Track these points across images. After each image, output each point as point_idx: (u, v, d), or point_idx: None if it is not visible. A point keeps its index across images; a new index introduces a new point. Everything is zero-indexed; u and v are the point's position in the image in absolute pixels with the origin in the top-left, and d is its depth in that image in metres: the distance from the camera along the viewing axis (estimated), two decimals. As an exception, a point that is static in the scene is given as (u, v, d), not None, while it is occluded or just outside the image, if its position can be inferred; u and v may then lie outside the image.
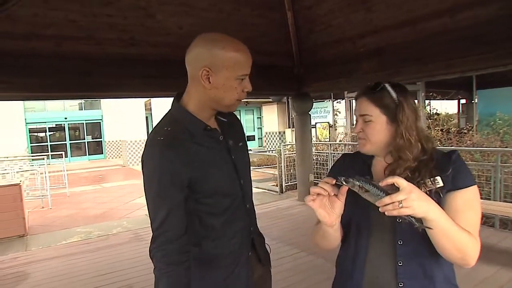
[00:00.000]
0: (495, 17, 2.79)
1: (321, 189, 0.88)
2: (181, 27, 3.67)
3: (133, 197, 7.65)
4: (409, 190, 0.77)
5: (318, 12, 4.28)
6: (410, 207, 0.77)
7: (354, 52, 4.23)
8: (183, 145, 0.99)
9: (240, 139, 1.18)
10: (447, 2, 2.99)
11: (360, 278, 1.00)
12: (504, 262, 3.01)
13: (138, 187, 9.52)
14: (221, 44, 0.97)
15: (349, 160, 1.11)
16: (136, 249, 3.67)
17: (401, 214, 0.78)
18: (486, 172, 4.37)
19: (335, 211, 0.90)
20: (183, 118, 1.04)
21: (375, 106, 0.97)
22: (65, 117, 17.65)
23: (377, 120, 0.98)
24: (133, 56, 3.64)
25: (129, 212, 6.39)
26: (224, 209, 1.06)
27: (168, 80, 4.24)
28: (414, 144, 0.94)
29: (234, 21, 4.02)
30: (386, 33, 3.78)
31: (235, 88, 1.00)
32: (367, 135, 0.99)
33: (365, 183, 0.80)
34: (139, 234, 4.24)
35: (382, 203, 0.78)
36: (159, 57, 3.72)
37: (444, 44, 3.13)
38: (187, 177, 0.98)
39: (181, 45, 4.28)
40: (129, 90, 3.95)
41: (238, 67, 0.98)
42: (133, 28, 3.43)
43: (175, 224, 0.99)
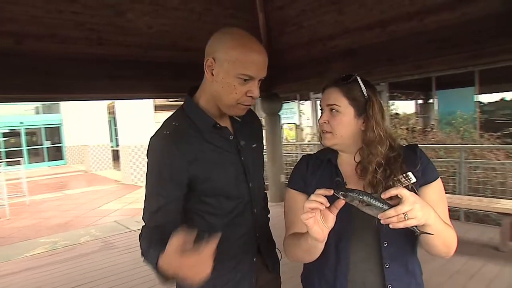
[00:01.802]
0: (459, 22, 2.93)
1: (318, 204, 0.79)
2: (152, 27, 3.56)
3: (100, 204, 7.34)
4: (413, 201, 0.74)
5: (290, 13, 4.31)
6: (416, 217, 0.75)
7: (325, 53, 4.29)
8: (189, 141, 0.95)
9: (254, 140, 1.12)
10: (415, 6, 3.11)
11: (344, 286, 0.95)
12: (472, 252, 3.19)
13: (104, 193, 9.14)
14: (231, 37, 0.93)
15: (313, 162, 1.04)
16: (107, 258, 3.50)
17: (407, 226, 0.75)
18: (451, 168, 4.59)
19: (327, 225, 0.82)
20: (193, 113, 0.99)
21: (344, 97, 0.95)
22: (21, 121, 16.65)
23: (344, 111, 0.95)
24: (101, 56, 3.48)
25: (96, 219, 6.11)
26: (226, 212, 1.01)
27: (138, 81, 4.13)
28: (384, 140, 0.94)
29: (205, 21, 3.96)
30: (356, 35, 3.87)
31: (234, 87, 0.94)
32: (333, 128, 0.96)
33: (366, 196, 0.76)
34: (109, 242, 4.05)
35: (387, 215, 0.74)
36: (129, 57, 3.58)
37: (413, 46, 3.25)
38: (188, 175, 0.94)
39: (151, 45, 4.12)
40: (96, 92, 3.77)
41: (240, 65, 0.92)
42: (101, 27, 3.28)
43: (166, 219, 0.95)
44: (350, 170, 0.98)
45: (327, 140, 0.98)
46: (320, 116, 1.00)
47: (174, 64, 4.09)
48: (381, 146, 0.93)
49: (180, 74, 3.81)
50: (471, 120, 7.16)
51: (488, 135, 5.94)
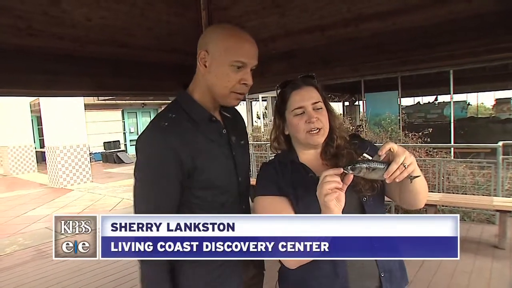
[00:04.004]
0: (390, 30, 3.22)
1: (336, 183, 0.84)
2: (90, 19, 3.34)
3: (26, 210, 6.72)
4: (403, 150, 0.84)
5: (233, 14, 4.34)
6: (412, 163, 0.83)
7: (267, 54, 4.39)
8: (187, 134, 0.94)
9: (242, 137, 1.15)
10: (353, 13, 3.35)
11: (345, 273, 0.98)
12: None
13: (29, 197, 8.35)
14: (222, 29, 0.97)
15: (279, 168, 1.07)
16: (42, 267, 3.24)
17: (409, 172, 0.83)
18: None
19: (341, 205, 0.87)
20: (188, 105, 0.99)
21: (319, 94, 1.04)
22: None
23: (323, 106, 1.05)
24: (32, 48, 3.18)
25: (23, 226, 5.59)
26: (217, 205, 1.03)
27: (73, 77, 3.83)
28: (342, 125, 1.07)
29: (148, 17, 3.80)
30: (297, 37, 4.04)
31: (228, 75, 0.97)
32: (324, 124, 1.03)
33: (370, 162, 0.83)
34: (42, 250, 3.76)
35: (391, 171, 0.81)
36: (64, 51, 3.32)
37: (350, 50, 3.50)
38: (188, 166, 0.93)
39: (90, 38, 3.89)
40: (26, 87, 3.44)
41: (231, 52, 0.96)
42: (32, 15, 3.00)
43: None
44: (315, 164, 1.05)
45: (321, 136, 1.02)
46: (308, 116, 1.01)
47: (113, 60, 3.88)
48: (342, 130, 1.06)
49: (119, 72, 3.64)
50: (396, 121, 7.88)
51: (412, 134, 6.62)
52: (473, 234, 4.13)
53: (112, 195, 8.39)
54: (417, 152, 5.93)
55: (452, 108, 9.18)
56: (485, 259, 3.52)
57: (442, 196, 5.06)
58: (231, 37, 0.97)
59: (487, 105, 16.09)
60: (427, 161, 5.53)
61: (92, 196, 8.31)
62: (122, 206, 7.13)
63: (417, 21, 3.25)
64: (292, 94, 1.04)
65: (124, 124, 18.38)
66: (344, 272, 0.99)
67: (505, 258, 3.62)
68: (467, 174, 5.63)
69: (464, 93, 13.19)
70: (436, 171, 5.45)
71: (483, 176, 5.56)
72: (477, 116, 13.79)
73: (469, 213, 5.12)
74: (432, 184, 5.31)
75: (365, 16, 3.49)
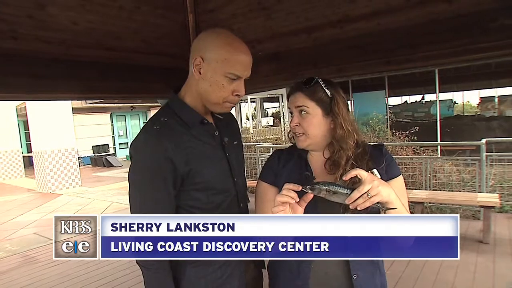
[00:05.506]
0: (374, 31, 3.28)
1: (288, 198, 0.86)
2: (77, 23, 3.33)
3: (13, 215, 6.63)
4: (371, 179, 0.84)
5: (220, 17, 4.36)
6: (378, 193, 0.83)
7: (254, 56, 4.37)
8: (180, 137, 0.96)
9: (235, 137, 1.17)
10: (338, 15, 3.40)
11: (307, 276, 1.02)
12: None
13: (17, 203, 8.23)
14: (219, 37, 0.97)
15: (284, 157, 1.11)
16: (29, 274, 3.22)
17: (372, 203, 0.83)
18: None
19: None
20: (180, 109, 1.00)
21: (310, 99, 1.04)
22: None
23: (313, 112, 1.04)
24: (15, 51, 3.15)
25: (10, 232, 5.50)
26: (215, 206, 1.04)
27: (60, 81, 3.81)
28: (352, 134, 1.04)
29: (135, 20, 3.80)
30: (284, 39, 4.08)
31: (223, 86, 0.98)
32: (306, 129, 1.04)
33: (331, 186, 0.83)
34: (30, 256, 3.71)
35: (353, 198, 0.82)
36: (51, 55, 3.30)
37: (336, 51, 3.55)
38: (180, 170, 0.95)
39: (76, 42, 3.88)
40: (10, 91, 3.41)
41: (228, 64, 0.97)
42: (17, 18, 2.98)
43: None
44: (319, 166, 1.05)
45: (301, 142, 1.04)
46: (291, 120, 1.05)
47: (99, 63, 3.87)
48: (351, 140, 1.01)
49: (107, 75, 3.62)
50: (383, 120, 7.98)
51: (399, 133, 6.71)
52: (459, 230, 4.23)
53: (101, 199, 8.31)
54: (404, 151, 6.03)
55: (438, 107, 9.34)
56: (470, 253, 3.61)
57: (428, 193, 5.16)
58: (228, 47, 0.97)
59: (473, 104, 16.41)
60: (414, 159, 5.63)
61: (81, 201, 8.23)
62: (112, 209, 7.07)
63: (400, 21, 3.33)
64: (289, 96, 1.08)
65: (113, 127, 18.20)
66: (305, 273, 1.02)
67: (489, 252, 3.71)
68: (453, 172, 5.75)
69: (450, 92, 13.42)
70: (423, 169, 5.56)
71: (468, 173, 5.68)
72: (463, 115, 14.04)
73: (456, 210, 5.23)
74: (419, 182, 5.42)
75: (350, 18, 3.57)
